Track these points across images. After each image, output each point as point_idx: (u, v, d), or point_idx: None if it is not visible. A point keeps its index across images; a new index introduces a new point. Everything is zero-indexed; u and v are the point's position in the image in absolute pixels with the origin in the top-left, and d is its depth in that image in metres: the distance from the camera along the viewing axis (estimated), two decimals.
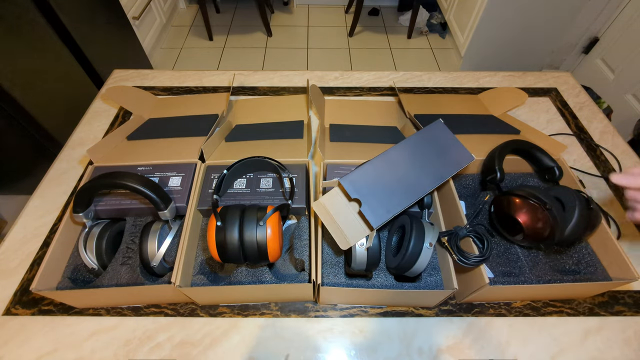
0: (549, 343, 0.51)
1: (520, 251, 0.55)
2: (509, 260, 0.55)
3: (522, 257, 0.54)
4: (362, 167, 0.45)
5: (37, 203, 0.65)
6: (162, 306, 0.53)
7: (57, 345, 0.50)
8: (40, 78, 1.14)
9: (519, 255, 0.55)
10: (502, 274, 0.54)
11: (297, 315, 0.53)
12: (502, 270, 0.54)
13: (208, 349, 0.50)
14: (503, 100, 0.79)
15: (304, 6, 2.61)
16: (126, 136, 0.68)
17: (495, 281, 0.51)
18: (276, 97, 0.84)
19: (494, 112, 0.77)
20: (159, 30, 2.13)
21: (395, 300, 0.52)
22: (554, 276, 0.52)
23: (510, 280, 0.51)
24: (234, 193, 0.55)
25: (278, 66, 2.13)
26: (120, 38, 1.61)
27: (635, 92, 1.57)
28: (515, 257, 0.55)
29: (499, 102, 0.79)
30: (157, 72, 0.90)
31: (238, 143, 0.67)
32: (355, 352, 0.50)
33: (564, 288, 0.49)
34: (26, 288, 0.54)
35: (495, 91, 0.82)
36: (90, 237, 0.52)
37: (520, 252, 0.55)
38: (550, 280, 0.51)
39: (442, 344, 0.50)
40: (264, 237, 0.44)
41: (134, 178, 0.47)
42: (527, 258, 0.55)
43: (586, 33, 1.85)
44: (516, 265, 0.54)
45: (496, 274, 0.54)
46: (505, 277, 0.53)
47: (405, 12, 2.43)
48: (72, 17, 1.25)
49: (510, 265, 0.54)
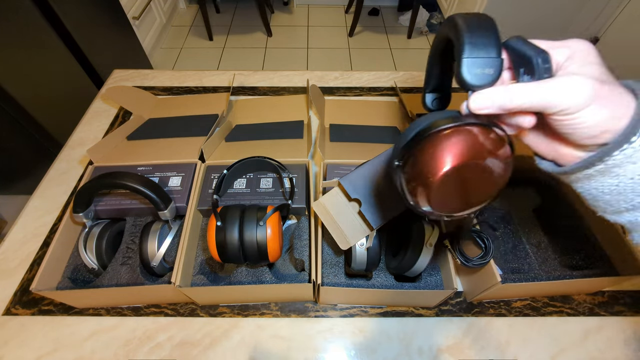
0: (549, 343, 0.51)
1: (529, 247, 0.55)
2: (517, 256, 0.55)
3: (532, 254, 0.54)
4: (362, 167, 0.45)
5: (37, 203, 0.65)
6: (162, 306, 0.53)
7: (57, 345, 0.50)
8: (40, 78, 1.14)
9: (528, 252, 0.55)
10: (511, 270, 0.54)
11: (297, 315, 0.53)
12: (510, 267, 0.54)
13: (208, 349, 0.50)
14: None
15: (304, 6, 2.61)
16: (126, 136, 0.68)
17: (505, 278, 0.51)
18: (276, 97, 0.84)
19: None
20: (159, 30, 2.13)
21: (395, 300, 0.52)
22: (563, 272, 0.52)
23: (520, 277, 0.51)
24: (234, 193, 0.55)
25: (278, 66, 2.13)
26: (120, 38, 1.61)
27: None
28: (524, 254, 0.55)
29: None
30: (157, 72, 0.90)
31: (238, 143, 0.67)
32: (355, 352, 0.50)
33: (575, 284, 0.48)
34: (26, 288, 0.54)
35: None
36: (90, 237, 0.52)
37: (529, 248, 0.55)
38: (560, 276, 0.51)
39: (442, 344, 0.50)
40: (264, 237, 0.44)
41: (134, 178, 0.47)
42: (536, 254, 0.55)
43: (586, 33, 1.85)
44: (525, 261, 0.54)
45: (505, 271, 0.53)
46: (515, 273, 0.52)
47: (405, 12, 2.42)
48: (72, 17, 1.25)
49: (519, 262, 0.54)
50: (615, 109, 0.21)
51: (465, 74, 0.23)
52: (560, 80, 0.21)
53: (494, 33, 0.23)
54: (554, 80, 0.21)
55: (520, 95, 0.22)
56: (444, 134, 0.25)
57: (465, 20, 0.24)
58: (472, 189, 0.26)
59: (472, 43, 0.23)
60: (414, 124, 0.27)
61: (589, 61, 0.22)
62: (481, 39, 0.23)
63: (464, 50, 0.23)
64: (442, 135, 0.25)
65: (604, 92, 0.21)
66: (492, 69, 0.23)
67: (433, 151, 0.25)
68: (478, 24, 0.23)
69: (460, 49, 0.23)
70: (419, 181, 0.26)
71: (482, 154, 0.24)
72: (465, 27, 0.23)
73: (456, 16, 0.24)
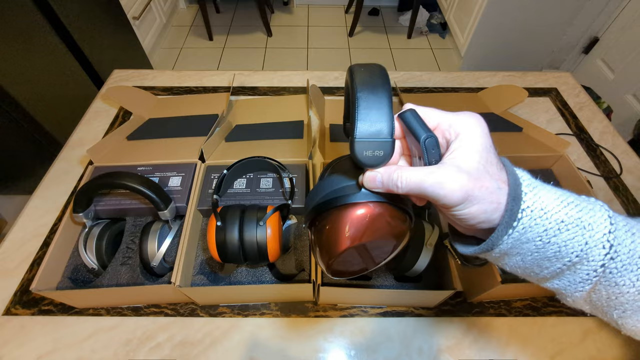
0: (549, 343, 0.51)
1: None
2: None
3: None
4: None
5: (37, 203, 0.65)
6: (162, 306, 0.53)
7: (57, 345, 0.50)
8: (40, 78, 1.14)
9: None
10: None
11: (297, 315, 0.53)
12: None
13: (208, 349, 0.50)
14: (503, 98, 0.79)
15: (304, 6, 2.61)
16: (126, 136, 0.68)
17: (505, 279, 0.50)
18: (276, 97, 0.84)
19: (494, 110, 0.77)
20: (159, 30, 2.13)
21: (395, 300, 0.52)
22: None
23: None
24: (234, 193, 0.55)
25: (278, 66, 2.13)
26: (120, 38, 1.61)
27: (635, 92, 1.57)
28: None
29: (499, 99, 0.79)
30: (157, 72, 0.90)
31: (238, 143, 0.67)
32: (355, 352, 0.50)
33: None
34: (26, 288, 0.54)
35: (494, 89, 0.82)
36: (90, 237, 0.52)
37: None
38: None
39: (442, 344, 0.50)
40: (264, 237, 0.44)
41: (134, 178, 0.47)
42: None
43: (586, 33, 1.85)
44: None
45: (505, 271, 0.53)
46: None
47: (405, 12, 2.42)
48: (72, 17, 1.25)
49: None
50: (486, 205, 0.22)
51: (357, 154, 0.23)
52: (444, 175, 0.22)
53: (387, 108, 0.23)
54: (440, 173, 0.22)
55: (406, 183, 0.23)
56: (344, 209, 0.26)
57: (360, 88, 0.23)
58: (371, 256, 0.29)
59: (365, 121, 0.23)
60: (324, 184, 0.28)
61: (473, 146, 0.23)
62: (374, 116, 0.23)
63: (355, 130, 0.23)
64: (342, 211, 0.26)
65: (475, 190, 0.22)
66: (382, 150, 0.23)
67: (332, 227, 0.26)
68: (371, 94, 0.23)
69: (353, 126, 0.23)
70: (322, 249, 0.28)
71: (378, 229, 0.26)
72: (359, 100, 0.23)
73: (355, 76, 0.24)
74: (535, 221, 0.22)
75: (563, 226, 0.21)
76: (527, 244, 0.22)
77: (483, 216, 0.23)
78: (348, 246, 0.26)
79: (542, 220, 0.22)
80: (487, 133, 0.24)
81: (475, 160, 0.23)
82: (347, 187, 0.27)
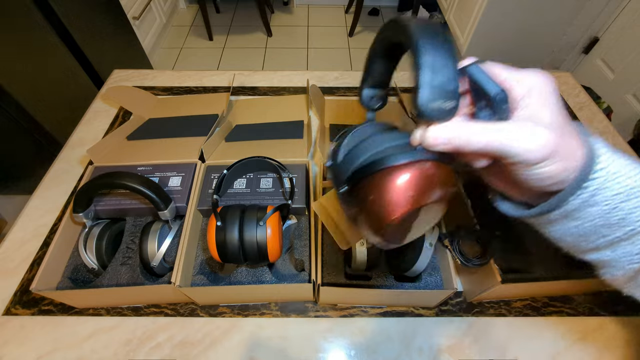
0: (549, 343, 0.51)
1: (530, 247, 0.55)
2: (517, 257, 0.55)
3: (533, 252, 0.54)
4: None
5: (37, 203, 0.65)
6: (162, 306, 0.53)
7: (57, 345, 0.50)
8: (40, 78, 1.14)
9: (528, 252, 0.54)
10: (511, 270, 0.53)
11: (297, 315, 0.53)
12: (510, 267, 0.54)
13: (208, 349, 0.50)
14: None
15: (304, 6, 2.61)
16: (126, 136, 0.68)
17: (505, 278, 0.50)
18: (276, 97, 0.84)
19: None
20: (159, 30, 2.13)
21: (395, 300, 0.52)
22: (563, 272, 0.51)
23: (520, 277, 0.50)
24: (234, 193, 0.55)
25: (278, 66, 2.13)
26: (120, 38, 1.61)
27: (635, 92, 1.57)
28: (524, 254, 0.54)
29: None
30: (157, 72, 0.90)
31: (238, 143, 0.67)
32: (355, 352, 0.50)
33: (575, 284, 0.48)
34: (26, 288, 0.54)
35: None
36: (90, 237, 0.52)
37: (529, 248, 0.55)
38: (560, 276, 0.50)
39: (442, 344, 0.50)
40: (264, 237, 0.44)
41: (134, 178, 0.47)
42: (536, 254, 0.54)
43: (586, 33, 1.85)
44: (526, 260, 0.54)
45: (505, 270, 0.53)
46: (515, 273, 0.52)
47: (405, 12, 2.43)
48: (72, 17, 1.25)
49: (520, 261, 0.54)
50: (568, 162, 0.21)
51: (424, 105, 0.20)
52: (523, 130, 0.20)
53: (453, 56, 0.21)
54: (516, 128, 0.20)
55: (479, 138, 0.21)
56: (399, 170, 0.23)
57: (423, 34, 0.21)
58: (421, 221, 0.26)
59: (431, 69, 0.20)
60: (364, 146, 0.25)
61: (547, 102, 0.21)
62: (440, 63, 0.20)
63: (421, 77, 0.20)
64: (397, 172, 0.23)
65: (561, 146, 0.20)
66: (452, 102, 0.21)
67: (387, 189, 0.23)
68: (435, 40, 0.21)
69: (418, 74, 0.20)
70: (371, 217, 0.24)
71: (435, 191, 0.23)
72: (424, 46, 0.20)
73: (412, 26, 0.21)
74: (607, 184, 0.20)
75: (632, 193, 0.20)
76: (592, 208, 0.21)
77: (563, 175, 0.21)
78: (410, 208, 0.23)
79: (614, 185, 0.20)
80: (557, 90, 0.22)
81: (555, 115, 0.21)
82: (396, 146, 0.24)
